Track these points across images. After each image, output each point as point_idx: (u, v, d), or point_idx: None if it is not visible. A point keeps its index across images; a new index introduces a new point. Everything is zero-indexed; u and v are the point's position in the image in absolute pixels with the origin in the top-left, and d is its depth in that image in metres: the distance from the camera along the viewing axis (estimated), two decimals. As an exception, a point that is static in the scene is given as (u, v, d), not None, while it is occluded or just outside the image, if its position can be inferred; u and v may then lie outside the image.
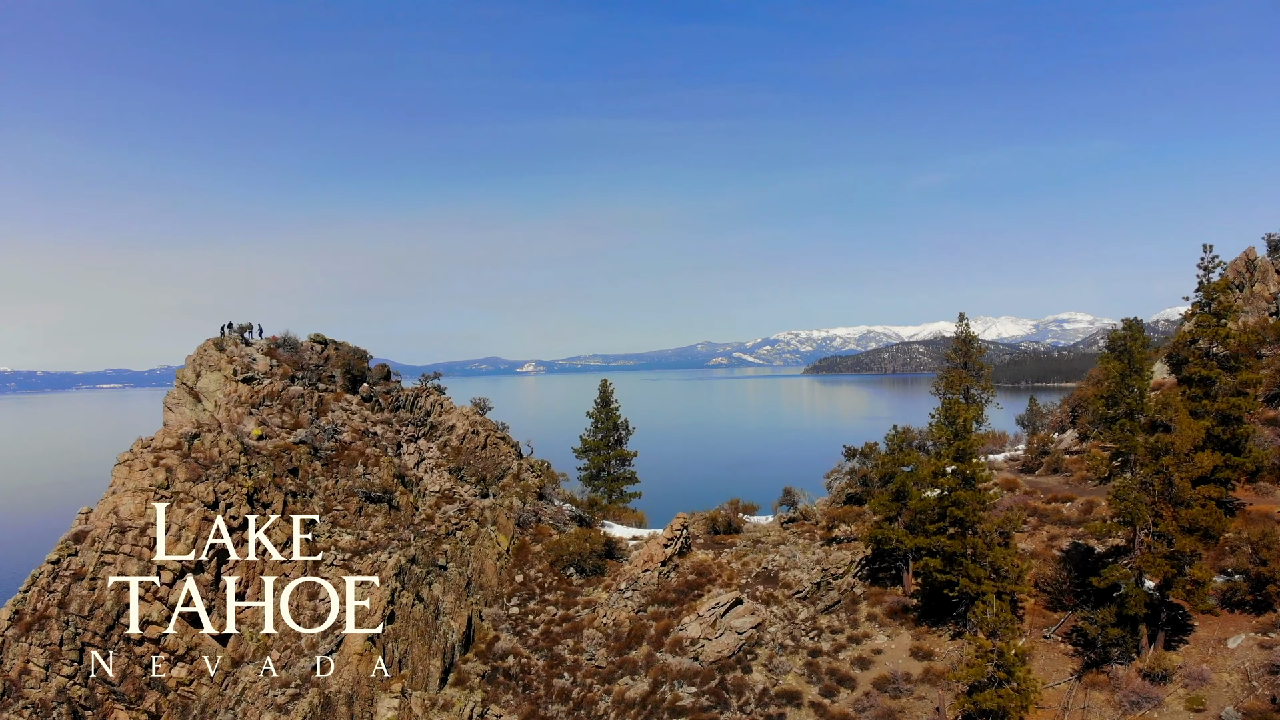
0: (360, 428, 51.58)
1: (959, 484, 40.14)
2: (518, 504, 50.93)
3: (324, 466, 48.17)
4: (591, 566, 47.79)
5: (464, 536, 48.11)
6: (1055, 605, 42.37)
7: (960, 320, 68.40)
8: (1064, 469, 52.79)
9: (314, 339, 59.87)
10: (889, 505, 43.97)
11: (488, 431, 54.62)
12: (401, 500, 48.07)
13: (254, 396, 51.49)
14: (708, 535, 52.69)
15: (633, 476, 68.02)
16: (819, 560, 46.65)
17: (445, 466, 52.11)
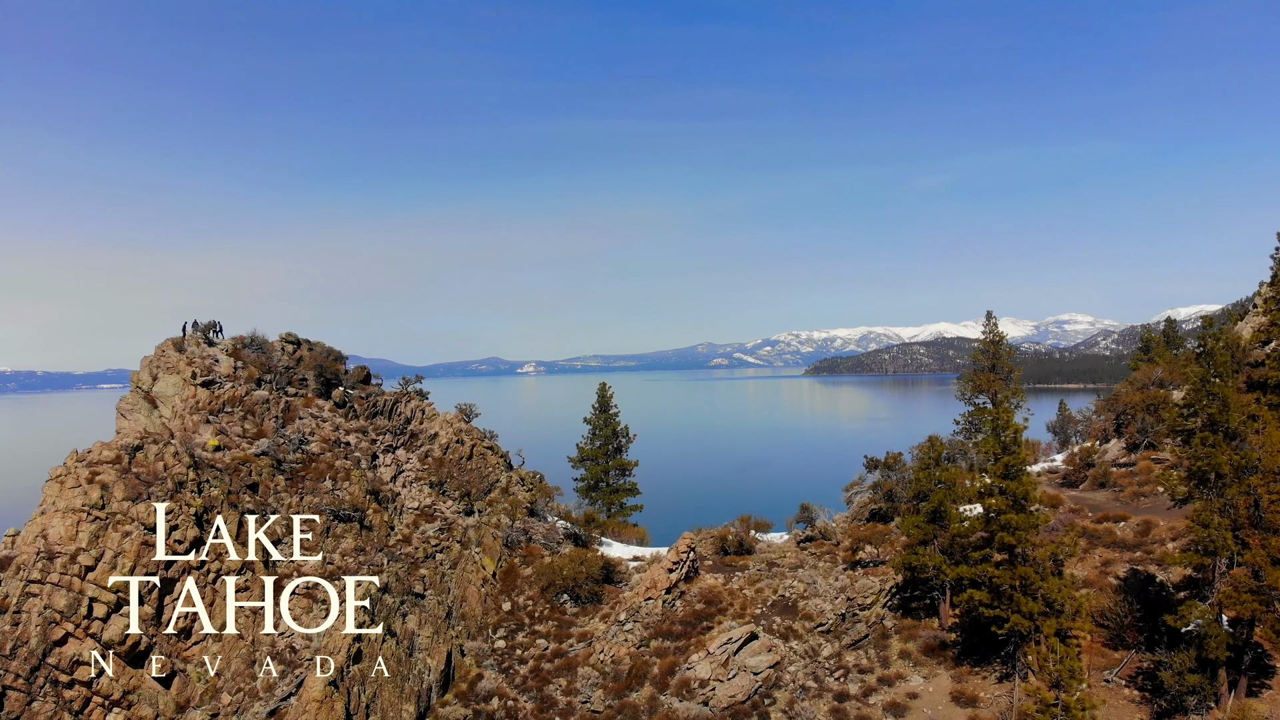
0: (331, 437, 46.43)
1: (1008, 505, 34.99)
2: (506, 522, 45.80)
3: (288, 481, 43.02)
4: (587, 593, 42.67)
5: (445, 559, 42.98)
6: (1116, 643, 37.24)
7: (988, 319, 63.20)
8: (1112, 483, 47.66)
9: (285, 338, 54.72)
10: (924, 527, 38.83)
11: (474, 440, 49.47)
12: (374, 519, 42.93)
13: (213, 402, 46.35)
14: (717, 556, 47.57)
15: (633, 488, 62.91)
16: (843, 588, 41.50)
17: (426, 480, 46.97)
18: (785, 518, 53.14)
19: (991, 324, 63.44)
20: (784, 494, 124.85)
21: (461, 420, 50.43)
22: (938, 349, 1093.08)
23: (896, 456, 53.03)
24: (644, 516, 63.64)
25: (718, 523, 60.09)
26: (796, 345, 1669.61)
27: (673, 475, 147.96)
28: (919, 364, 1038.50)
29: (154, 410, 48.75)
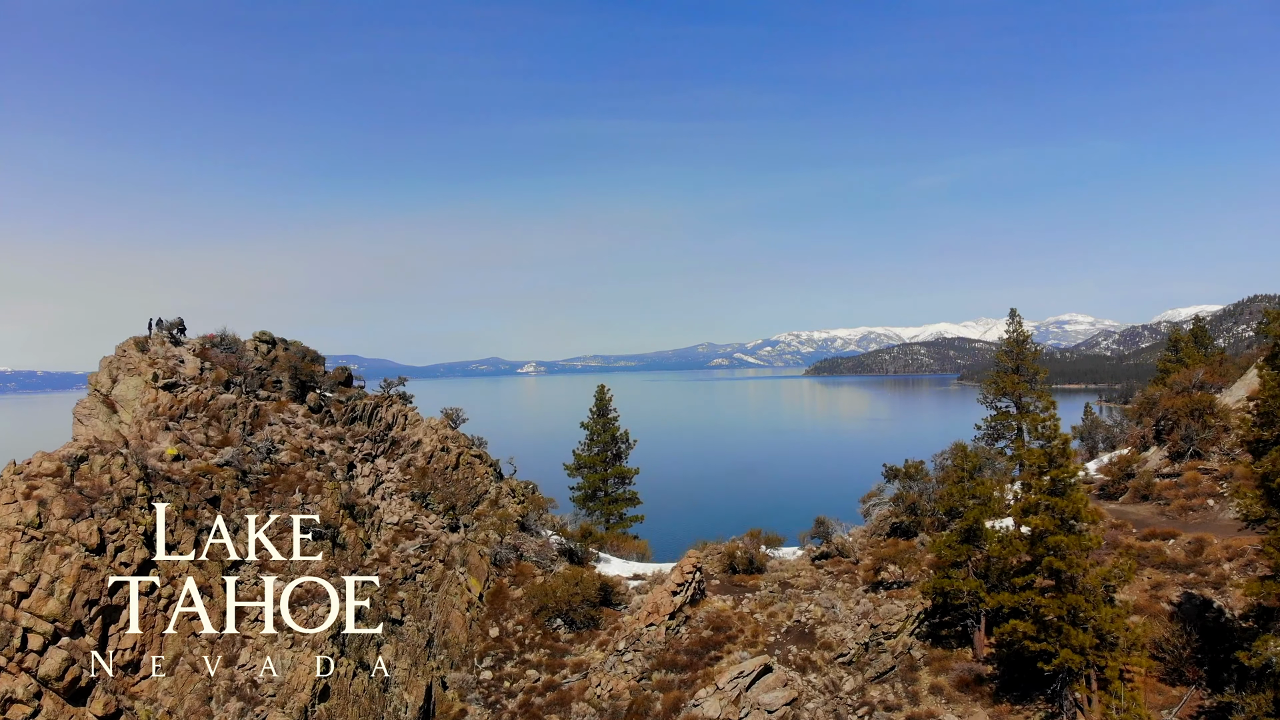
0: (303, 445, 42.50)
1: (1056, 525, 31.08)
2: (494, 538, 41.87)
3: (253, 494, 39.12)
4: (583, 617, 38.77)
5: (426, 581, 39.08)
6: (1173, 678, 33.32)
7: (1012, 317, 59.22)
8: (1156, 496, 43.76)
9: (259, 337, 50.82)
10: (956, 548, 34.92)
11: (460, 448, 45.54)
12: (348, 536, 39.00)
13: (175, 407, 42.45)
14: (724, 575, 43.66)
15: (633, 497, 59.01)
16: (865, 612, 37.57)
17: (407, 491, 43.07)
18: (798, 531, 49.29)
19: (1015, 322, 59.49)
20: (792, 501, 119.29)
21: (447, 426, 46.52)
22: (938, 349, 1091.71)
23: (917, 465, 49.13)
24: (645, 528, 59.81)
25: (724, 534, 56.15)
26: (797, 345, 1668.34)
27: (674, 482, 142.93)
28: (919, 364, 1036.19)
29: (113, 415, 44.86)
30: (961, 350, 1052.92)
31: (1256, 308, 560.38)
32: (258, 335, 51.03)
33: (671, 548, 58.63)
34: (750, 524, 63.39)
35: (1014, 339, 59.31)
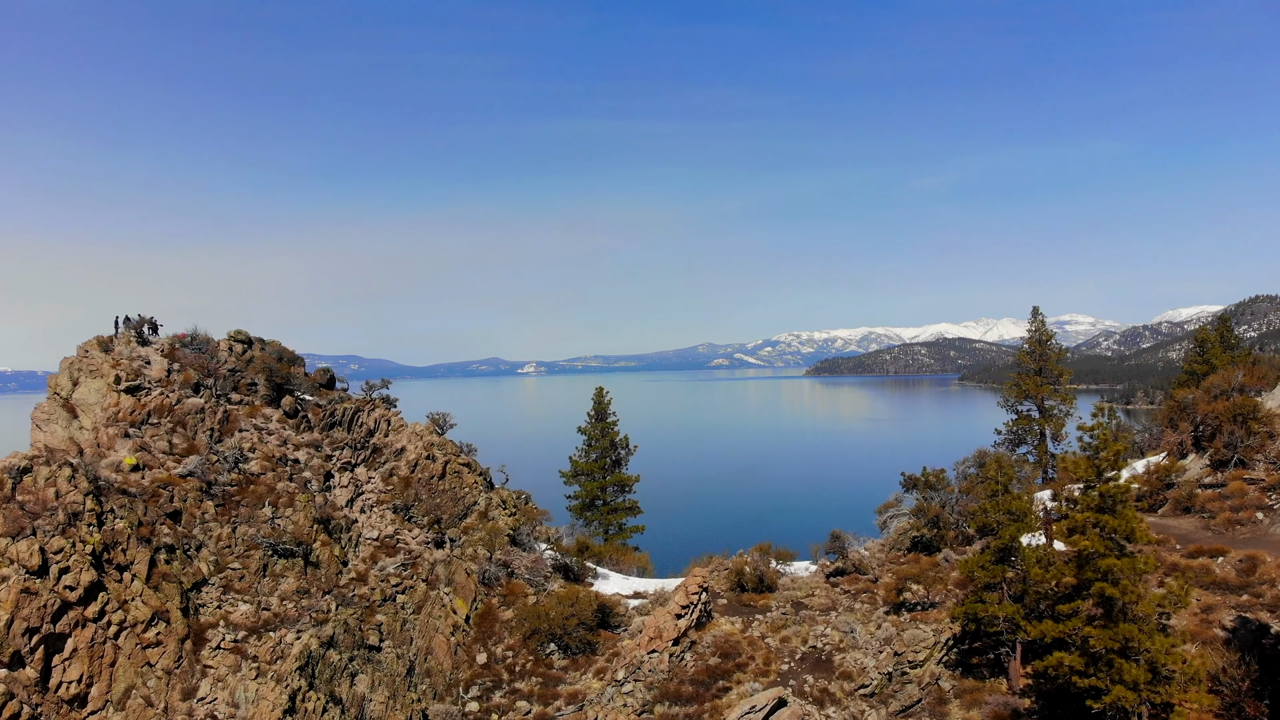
0: (276, 453, 39.23)
1: (1108, 546, 27.83)
2: (483, 554, 38.60)
3: (219, 508, 35.84)
4: (579, 642, 35.49)
5: (407, 602, 35.81)
6: (1231, 713, 30.14)
7: (1034, 316, 56.09)
8: (1199, 508, 40.50)
9: (234, 336, 47.57)
10: (991, 569, 31.65)
11: (447, 456, 42.27)
12: (322, 553, 35.72)
13: (137, 411, 39.19)
14: (732, 594, 40.40)
15: (634, 506, 55.73)
16: (888, 638, 34.31)
17: (389, 503, 39.80)
18: (809, 543, 45.96)
19: (1038, 321, 56.28)
20: (800, 507, 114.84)
21: (433, 432, 43.24)
22: (939, 349, 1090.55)
23: (938, 474, 45.84)
24: (646, 538, 56.60)
25: (729, 547, 52.89)
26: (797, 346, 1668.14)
27: (676, 487, 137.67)
28: (920, 364, 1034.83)
29: (73, 421, 41.60)
30: (962, 350, 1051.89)
31: (1258, 308, 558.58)
32: (232, 334, 47.79)
33: (674, 559, 55.39)
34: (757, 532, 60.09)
35: (1035, 338, 56.12)
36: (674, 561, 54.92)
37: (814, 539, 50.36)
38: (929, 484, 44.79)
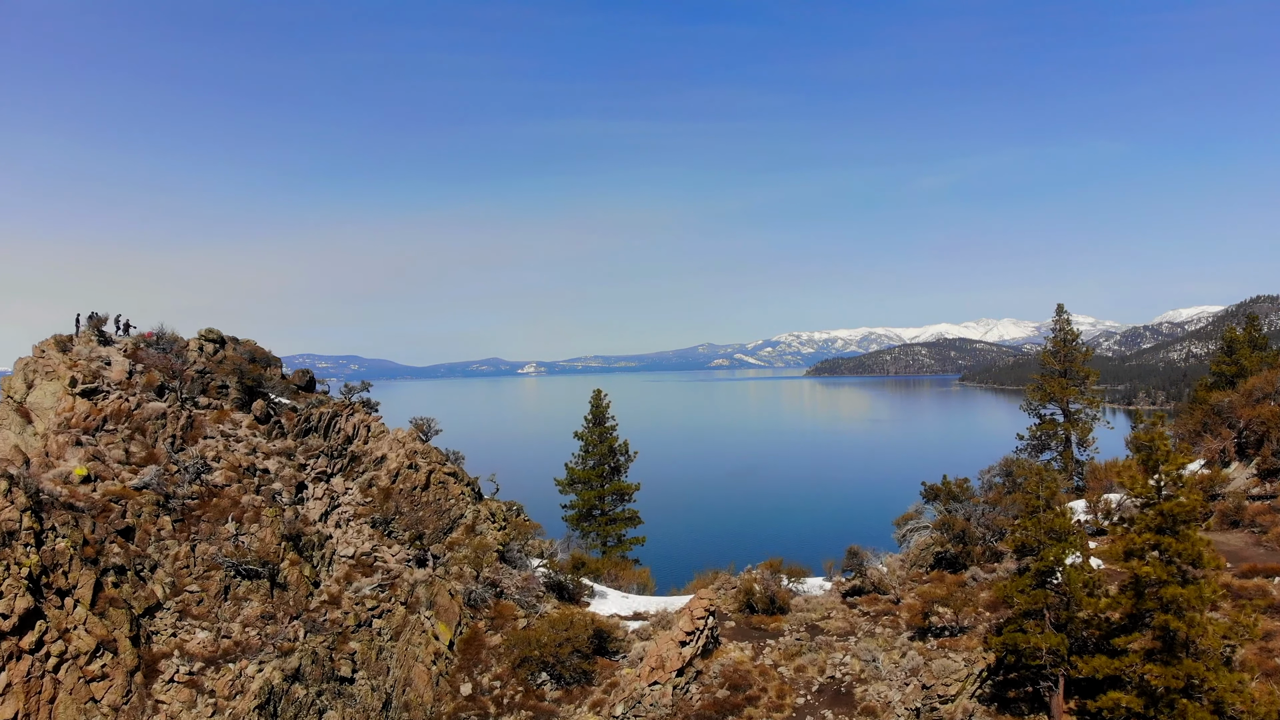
0: (243, 462, 35.97)
1: (1172, 575, 24.60)
2: (469, 572, 35.37)
3: (177, 523, 32.59)
4: (573, 671, 32.25)
5: (384, 628, 32.57)
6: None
7: (1059, 314, 52.78)
8: (1248, 521, 37.29)
9: (204, 335, 44.34)
10: (1031, 594, 28.40)
11: (431, 465, 39.01)
12: (291, 573, 32.47)
13: (91, 417, 35.94)
14: (740, 615, 37.16)
15: (634, 516, 52.49)
16: (914, 668, 31.07)
17: (367, 516, 36.56)
18: (821, 557, 42.72)
19: (1062, 320, 52.99)
20: (808, 514, 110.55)
21: (416, 439, 39.97)
22: (939, 350, 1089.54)
23: (962, 483, 42.64)
24: (647, 549, 53.36)
25: (736, 557, 49.78)
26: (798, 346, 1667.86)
27: (677, 492, 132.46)
28: (920, 365, 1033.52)
29: (28, 426, 38.34)
30: (962, 351, 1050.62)
31: (1259, 308, 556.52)
32: (203, 333, 44.56)
33: (676, 572, 52.23)
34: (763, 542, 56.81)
35: (1060, 338, 52.86)
36: (676, 574, 51.74)
37: (824, 548, 47.22)
38: (952, 495, 41.59)
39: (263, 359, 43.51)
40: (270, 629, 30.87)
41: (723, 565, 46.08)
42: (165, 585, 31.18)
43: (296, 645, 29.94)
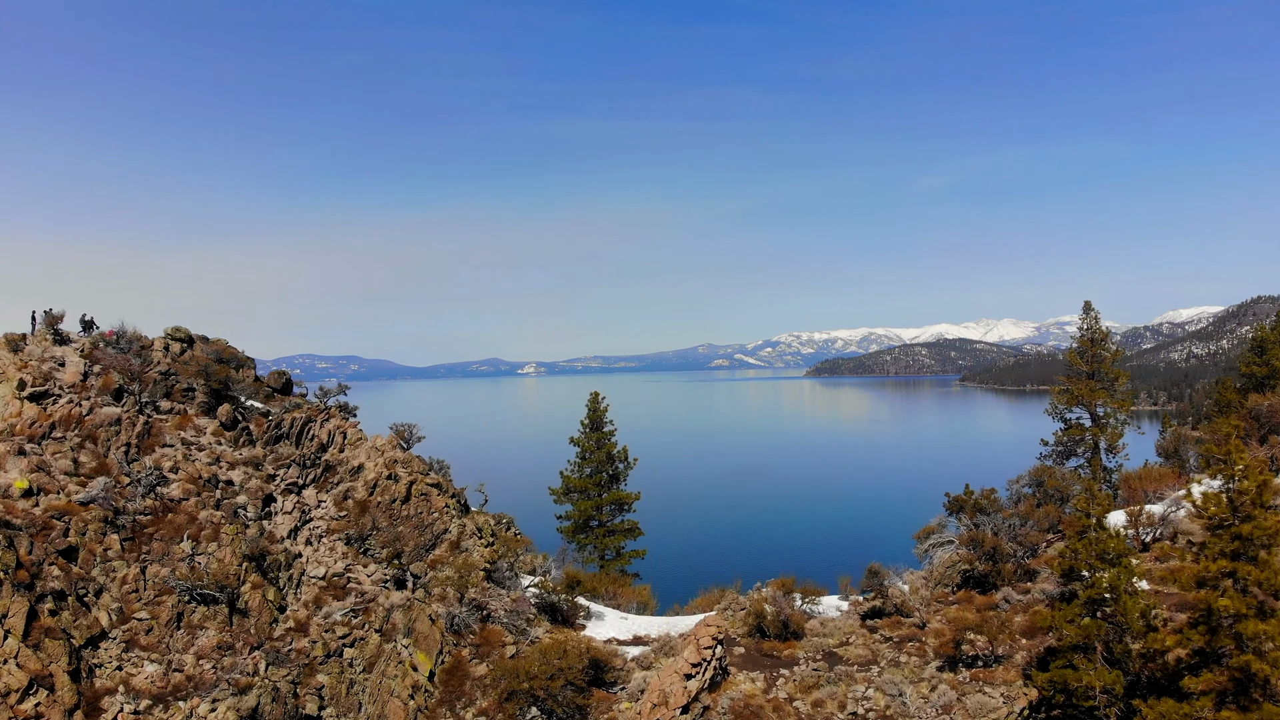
0: (204, 473, 32.78)
1: (1251, 607, 21.45)
2: (452, 594, 32.18)
3: (126, 542, 29.41)
4: (566, 707, 29.06)
5: (356, 658, 29.39)
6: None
7: (1085, 312, 49.58)
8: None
9: (171, 334, 41.18)
10: (1084, 625, 25.25)
11: (412, 475, 35.81)
12: (253, 598, 29.29)
13: (39, 423, 32.75)
14: (750, 639, 33.98)
15: (634, 528, 49.28)
16: (947, 705, 27.90)
17: (340, 533, 33.36)
18: (838, 576, 39.53)
19: (1091, 318, 49.78)
20: (817, 521, 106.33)
21: (397, 446, 36.77)
22: (939, 350, 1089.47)
23: (989, 494, 39.46)
24: (647, 564, 50.23)
25: (742, 570, 46.56)
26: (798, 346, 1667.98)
27: (678, 499, 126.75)
28: (920, 365, 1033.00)
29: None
30: (963, 351, 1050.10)
31: (1260, 309, 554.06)
32: (170, 331, 41.38)
33: (678, 587, 49.09)
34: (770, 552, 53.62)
35: (1088, 338, 49.64)
36: (679, 588, 48.63)
37: (836, 559, 44.13)
38: (979, 507, 38.40)
39: (231, 359, 40.31)
40: (227, 661, 27.68)
41: (728, 581, 42.97)
42: (111, 612, 28.00)
43: (256, 680, 26.75)
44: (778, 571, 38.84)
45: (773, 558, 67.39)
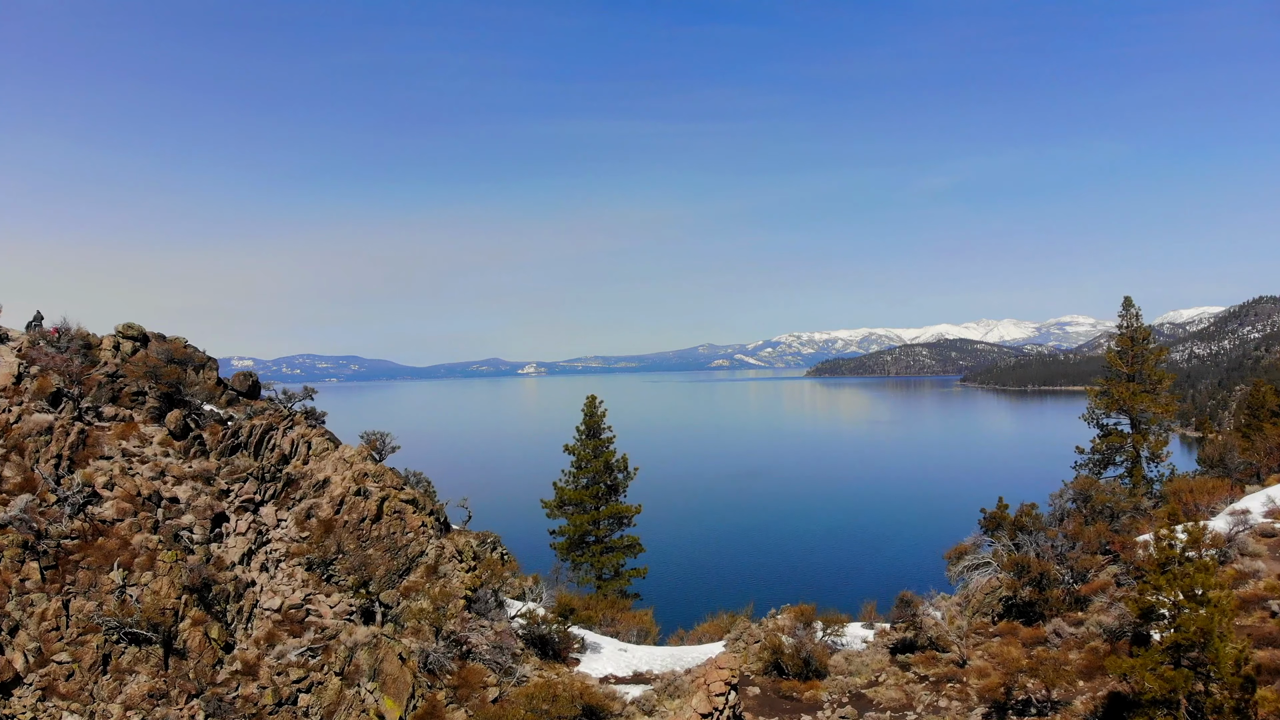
0: (145, 489, 28.82)
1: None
2: (427, 628, 28.23)
3: (48, 571, 25.45)
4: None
5: (314, 705, 25.44)
6: None
7: (1126, 308, 45.56)
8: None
9: (122, 331, 37.24)
10: (1168, 677, 21.36)
11: (385, 490, 31.84)
12: (192, 636, 25.34)
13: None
14: (766, 678, 30.04)
15: (634, 544, 45.29)
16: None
17: (301, 557, 29.41)
18: (862, 602, 35.62)
19: (1130, 315, 45.78)
20: (834, 533, 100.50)
21: (368, 458, 32.79)
22: (940, 350, 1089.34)
23: (1030, 510, 35.49)
24: (648, 582, 46.28)
25: (755, 592, 42.74)
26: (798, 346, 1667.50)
27: (681, 507, 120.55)
28: (921, 365, 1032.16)
29: (-107, 442, 31.17)
30: (964, 351, 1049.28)
31: (1261, 309, 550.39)
32: (121, 329, 37.44)
33: (682, 607, 45.18)
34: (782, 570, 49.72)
35: (1128, 335, 45.68)
36: (682, 609, 44.70)
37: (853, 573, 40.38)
38: (1020, 525, 34.44)
39: (185, 359, 36.30)
40: (160, 711, 23.73)
41: (737, 601, 39.12)
42: (27, 653, 24.02)
43: (191, 737, 22.79)
44: (789, 588, 34.98)
45: (783, 571, 62.86)
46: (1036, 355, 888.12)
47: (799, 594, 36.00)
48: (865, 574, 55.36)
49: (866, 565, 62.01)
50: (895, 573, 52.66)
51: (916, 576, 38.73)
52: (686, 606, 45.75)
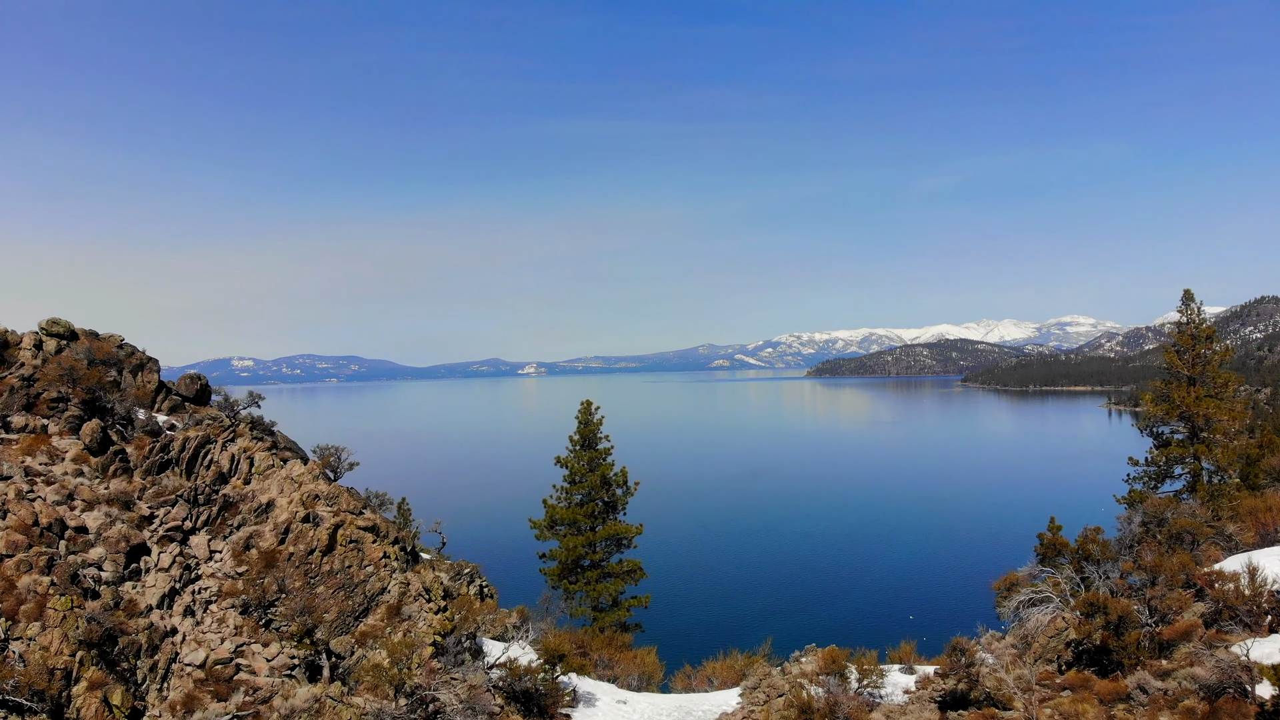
0: (45, 516, 23.94)
1: None
2: (386, 686, 23.33)
3: (-92, 623, 20.54)
4: None
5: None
6: None
7: (1185, 303, 40.65)
8: None
9: (46, 329, 32.34)
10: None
11: (339, 516, 26.94)
12: (88, 704, 20.45)
13: None
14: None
15: (634, 569, 40.35)
16: None
17: (236, 598, 24.52)
18: (899, 638, 30.69)
19: (1191, 311, 40.81)
20: (854, 549, 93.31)
21: (319, 477, 27.88)
22: (940, 350, 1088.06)
23: (1096, 536, 30.60)
24: (650, 612, 41.43)
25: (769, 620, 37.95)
26: (798, 346, 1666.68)
27: (682, 516, 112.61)
28: (921, 365, 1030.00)
29: None
30: (964, 351, 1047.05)
31: (1263, 309, 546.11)
32: (45, 325, 32.53)
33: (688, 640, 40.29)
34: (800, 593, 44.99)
35: (1189, 334, 40.78)
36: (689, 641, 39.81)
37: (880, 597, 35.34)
38: (1083, 552, 29.56)
39: (110, 359, 31.38)
40: (38, 806, 18.84)
41: (749, 629, 34.17)
42: (-127, 730, 19.14)
43: (70, 842, 17.91)
44: (807, 612, 30.50)
45: (798, 591, 56.63)
46: (1037, 355, 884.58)
47: (818, 620, 31.30)
48: (891, 595, 49.87)
49: (892, 586, 55.68)
50: (924, 592, 47.75)
51: (948, 595, 34.05)
52: (694, 635, 41.02)
